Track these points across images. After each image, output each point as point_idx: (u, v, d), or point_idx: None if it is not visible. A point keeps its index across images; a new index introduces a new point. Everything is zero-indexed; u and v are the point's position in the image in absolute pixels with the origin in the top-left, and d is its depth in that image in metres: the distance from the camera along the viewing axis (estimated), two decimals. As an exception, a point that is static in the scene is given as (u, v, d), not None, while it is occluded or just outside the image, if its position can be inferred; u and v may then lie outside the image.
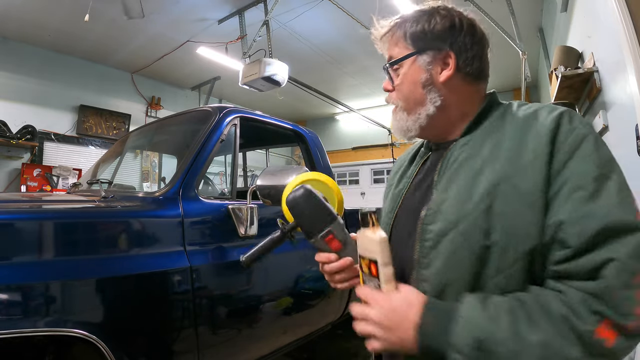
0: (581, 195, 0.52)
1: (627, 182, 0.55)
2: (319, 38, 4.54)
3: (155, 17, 3.95)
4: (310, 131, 2.56)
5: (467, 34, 0.71)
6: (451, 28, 0.70)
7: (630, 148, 1.47)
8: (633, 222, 0.50)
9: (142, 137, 2.61)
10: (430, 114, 0.69)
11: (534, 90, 5.82)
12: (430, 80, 0.70)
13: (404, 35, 0.73)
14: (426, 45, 0.70)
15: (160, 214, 1.45)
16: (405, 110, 0.72)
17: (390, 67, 0.74)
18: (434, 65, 0.70)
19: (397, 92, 0.74)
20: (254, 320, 1.76)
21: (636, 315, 0.47)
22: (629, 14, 1.44)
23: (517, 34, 3.35)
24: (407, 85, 0.72)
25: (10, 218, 1.13)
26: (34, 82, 4.47)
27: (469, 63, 0.70)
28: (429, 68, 0.70)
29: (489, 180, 0.59)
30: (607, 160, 0.55)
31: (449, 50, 0.69)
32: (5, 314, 0.99)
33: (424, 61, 0.70)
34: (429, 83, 0.70)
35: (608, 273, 0.48)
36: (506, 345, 0.49)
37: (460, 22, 0.71)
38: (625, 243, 0.49)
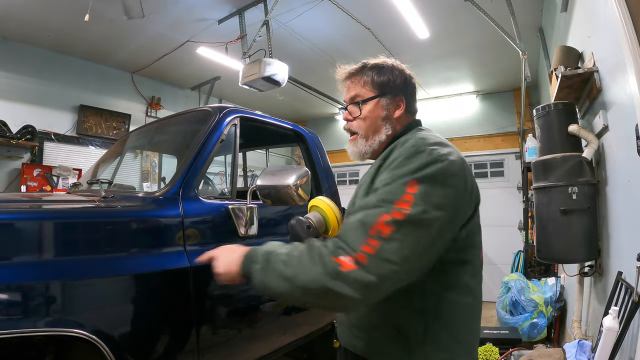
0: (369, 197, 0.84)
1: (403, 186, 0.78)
2: (319, 38, 4.54)
3: (155, 17, 3.95)
4: (310, 131, 2.56)
5: (411, 85, 1.04)
6: (404, 81, 1.03)
7: (630, 148, 1.47)
8: (374, 203, 0.79)
9: (142, 137, 2.61)
10: (382, 141, 1.00)
11: (534, 90, 5.82)
12: (388, 116, 1.00)
13: (371, 81, 1.01)
14: (388, 91, 1.00)
15: (160, 214, 1.45)
16: (365, 137, 1.01)
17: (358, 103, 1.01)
18: (391, 106, 1.00)
19: (358, 122, 1.01)
20: (254, 320, 1.76)
21: (362, 250, 0.73)
22: (629, 14, 1.44)
23: (517, 34, 3.35)
24: (370, 119, 1.00)
25: (10, 218, 1.13)
26: (34, 82, 4.47)
27: (411, 105, 1.04)
28: (388, 107, 1.00)
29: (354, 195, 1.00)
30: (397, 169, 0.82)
31: (402, 96, 1.01)
32: (5, 314, 1.00)
33: (384, 102, 1.00)
34: (387, 118, 0.99)
35: (350, 224, 0.80)
36: (280, 255, 0.83)
37: (408, 77, 1.04)
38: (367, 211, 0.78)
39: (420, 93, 6.41)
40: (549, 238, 2.18)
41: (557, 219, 2.10)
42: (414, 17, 3.87)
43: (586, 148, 2.09)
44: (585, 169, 2.05)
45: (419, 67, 5.37)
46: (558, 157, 2.14)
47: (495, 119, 6.37)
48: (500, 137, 6.28)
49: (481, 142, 6.44)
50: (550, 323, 3.12)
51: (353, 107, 1.01)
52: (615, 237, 1.84)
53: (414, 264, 0.76)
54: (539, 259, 2.34)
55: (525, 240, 4.36)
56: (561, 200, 2.08)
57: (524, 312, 3.19)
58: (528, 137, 4.03)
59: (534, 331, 3.05)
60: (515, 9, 3.36)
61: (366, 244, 0.74)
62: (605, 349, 1.44)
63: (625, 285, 1.57)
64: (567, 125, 2.18)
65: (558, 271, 3.80)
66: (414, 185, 0.77)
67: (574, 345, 1.90)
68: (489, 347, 2.68)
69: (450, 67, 5.42)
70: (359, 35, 4.36)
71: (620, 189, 1.75)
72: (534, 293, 3.30)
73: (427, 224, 0.75)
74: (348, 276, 0.73)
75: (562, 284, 3.37)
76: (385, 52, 4.75)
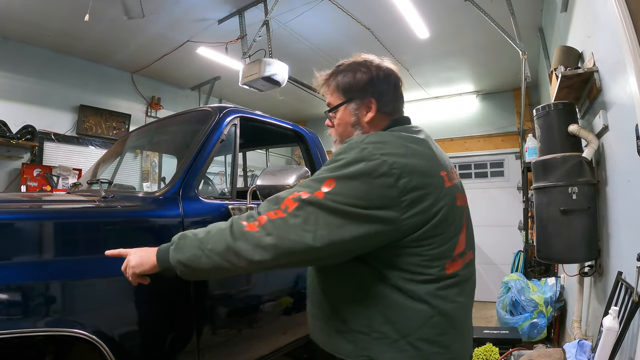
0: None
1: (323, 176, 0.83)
2: (319, 38, 4.54)
3: (155, 17, 3.95)
4: (310, 131, 2.56)
5: (384, 82, 0.96)
6: (370, 80, 0.95)
7: (630, 148, 1.47)
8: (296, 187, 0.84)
9: (142, 137, 2.61)
10: None
11: (534, 90, 5.81)
12: (357, 121, 0.97)
13: (336, 86, 0.98)
14: (353, 95, 0.96)
15: (160, 214, 1.45)
16: (340, 143, 0.96)
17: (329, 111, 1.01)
18: (360, 110, 0.96)
19: (335, 129, 1.02)
20: (254, 320, 1.76)
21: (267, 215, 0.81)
22: (629, 14, 1.44)
23: (517, 34, 3.35)
24: (341, 126, 0.99)
25: (10, 218, 1.13)
26: (34, 82, 4.47)
27: (386, 104, 0.96)
28: (356, 112, 0.96)
29: None
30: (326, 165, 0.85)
31: (370, 98, 0.95)
32: (5, 314, 1.00)
33: (352, 107, 0.97)
34: (356, 123, 0.97)
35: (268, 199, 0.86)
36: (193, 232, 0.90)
37: (378, 74, 0.96)
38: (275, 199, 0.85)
39: (420, 93, 6.42)
40: (549, 238, 2.18)
41: (557, 219, 2.10)
42: (414, 17, 3.86)
43: (586, 148, 2.09)
44: (585, 169, 2.05)
45: (419, 67, 5.37)
46: (558, 157, 2.14)
47: (495, 119, 6.36)
48: (500, 137, 6.28)
49: (481, 142, 6.43)
50: (550, 323, 3.12)
51: (331, 114, 1.01)
52: (615, 237, 1.84)
53: (315, 243, 0.77)
54: (539, 259, 2.34)
55: (525, 240, 4.36)
56: (561, 200, 2.08)
57: (524, 312, 3.18)
58: (528, 137, 4.03)
59: (534, 331, 3.05)
60: (515, 9, 3.36)
61: (272, 211, 0.81)
62: (605, 349, 1.44)
63: (625, 285, 1.57)
64: (567, 125, 2.18)
65: (558, 271, 3.80)
66: (333, 179, 0.80)
67: (574, 345, 1.90)
68: (489, 347, 2.68)
69: (450, 67, 5.42)
70: (359, 35, 4.35)
71: (620, 189, 1.75)
72: (534, 293, 3.30)
73: (334, 210, 0.78)
74: (248, 234, 0.80)
75: (562, 284, 3.37)
76: (386, 52, 4.75)
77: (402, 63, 5.19)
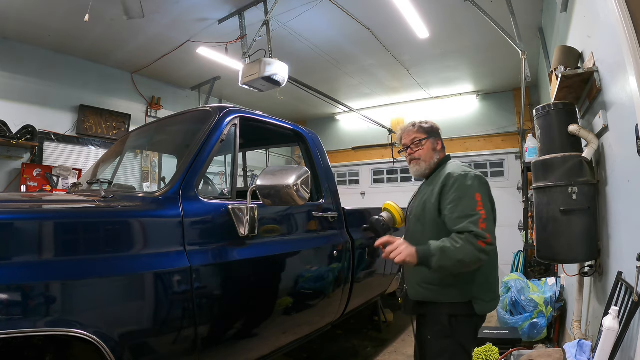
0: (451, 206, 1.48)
1: (474, 197, 1.45)
2: (319, 38, 4.54)
3: (155, 17, 3.95)
4: (310, 131, 2.56)
5: (439, 132, 1.74)
6: (437, 129, 1.73)
7: (630, 148, 1.47)
8: (473, 212, 1.43)
9: (142, 137, 2.62)
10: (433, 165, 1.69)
11: (534, 90, 5.81)
12: (435, 149, 1.69)
13: (420, 128, 1.70)
14: (431, 135, 1.69)
15: (160, 214, 1.45)
16: (425, 162, 1.67)
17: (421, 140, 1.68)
18: (435, 143, 1.70)
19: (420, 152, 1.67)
20: (254, 320, 1.76)
21: (486, 237, 1.38)
22: (629, 14, 1.44)
23: (517, 34, 3.35)
24: (428, 150, 1.68)
25: (10, 218, 1.13)
26: (34, 82, 4.47)
27: (443, 144, 1.73)
28: (434, 143, 1.69)
29: (424, 200, 1.63)
30: (463, 189, 1.47)
31: (437, 139, 1.72)
32: (5, 314, 0.99)
33: (432, 141, 1.69)
34: (434, 150, 1.69)
35: (467, 225, 1.40)
36: (449, 247, 1.37)
37: (436, 127, 1.73)
38: (471, 220, 1.41)
39: (420, 93, 6.42)
40: (549, 238, 2.17)
41: (557, 219, 2.10)
42: (414, 17, 3.87)
43: (586, 148, 2.09)
44: (585, 169, 2.05)
45: (419, 67, 5.37)
46: (558, 157, 2.14)
47: (495, 119, 6.37)
48: (500, 137, 6.28)
49: (481, 142, 6.44)
50: (550, 323, 3.12)
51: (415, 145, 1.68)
52: (615, 237, 1.84)
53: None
54: (539, 259, 2.34)
55: (525, 240, 4.36)
56: (561, 200, 2.08)
57: (524, 312, 3.18)
58: (528, 137, 4.03)
59: (534, 331, 3.05)
60: (515, 9, 3.36)
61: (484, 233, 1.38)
62: (605, 349, 1.44)
63: (625, 285, 1.57)
64: (567, 125, 2.18)
65: (558, 271, 3.80)
66: (478, 194, 1.46)
67: (574, 345, 1.90)
68: (489, 347, 2.68)
69: (450, 67, 5.42)
70: (359, 35, 4.35)
71: (620, 189, 1.75)
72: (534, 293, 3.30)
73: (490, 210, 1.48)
74: (486, 249, 1.37)
75: (562, 284, 3.37)
76: (385, 52, 4.75)
77: (402, 63, 5.19)
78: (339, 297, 2.35)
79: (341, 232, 2.41)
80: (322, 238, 2.24)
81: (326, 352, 3.22)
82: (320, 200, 2.31)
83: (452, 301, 1.50)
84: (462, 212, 1.43)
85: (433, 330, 1.53)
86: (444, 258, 1.36)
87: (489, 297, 1.53)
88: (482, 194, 1.46)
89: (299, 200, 1.49)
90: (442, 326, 1.50)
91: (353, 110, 6.48)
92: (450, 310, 1.50)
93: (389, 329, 3.73)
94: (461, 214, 1.43)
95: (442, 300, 1.51)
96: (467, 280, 1.48)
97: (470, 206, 1.43)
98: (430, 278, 1.52)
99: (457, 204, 1.45)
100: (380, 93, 6.58)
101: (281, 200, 1.50)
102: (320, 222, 2.25)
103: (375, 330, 3.67)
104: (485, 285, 1.52)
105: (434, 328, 1.53)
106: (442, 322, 1.50)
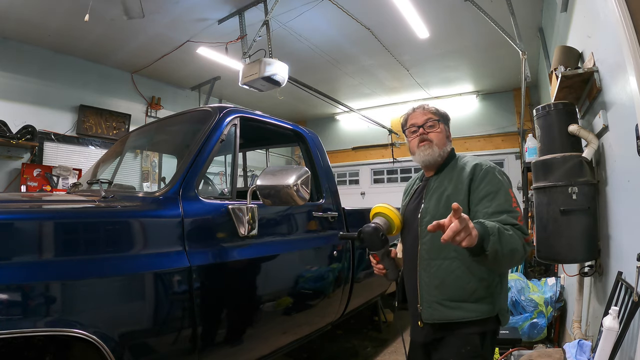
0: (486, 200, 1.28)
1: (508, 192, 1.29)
2: (319, 38, 4.54)
3: (155, 17, 3.95)
4: (310, 131, 2.56)
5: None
6: (449, 120, 1.51)
7: (630, 148, 1.47)
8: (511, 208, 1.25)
9: (142, 137, 2.61)
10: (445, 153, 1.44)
11: (534, 90, 5.81)
12: (448, 137, 1.48)
13: (438, 113, 1.47)
14: (446, 122, 1.49)
15: (160, 214, 1.45)
16: (437, 146, 1.42)
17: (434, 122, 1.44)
18: (448, 131, 1.49)
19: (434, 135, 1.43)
20: (254, 320, 1.76)
21: (529, 233, 1.24)
22: (629, 14, 1.44)
23: (517, 34, 3.35)
24: (442, 135, 1.44)
25: (10, 218, 1.13)
26: (34, 82, 4.47)
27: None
28: (448, 131, 1.49)
29: (444, 196, 1.35)
30: (496, 183, 1.29)
31: (449, 128, 1.50)
32: (5, 314, 0.99)
33: (446, 128, 1.48)
34: (448, 138, 1.48)
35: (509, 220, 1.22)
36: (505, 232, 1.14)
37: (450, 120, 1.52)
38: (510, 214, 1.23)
39: (420, 93, 6.42)
40: (549, 238, 2.17)
41: (557, 219, 2.10)
42: (414, 17, 3.86)
43: (586, 148, 2.09)
44: (585, 169, 2.05)
45: (419, 67, 5.37)
46: (558, 157, 2.14)
47: (495, 119, 6.37)
48: (500, 137, 6.28)
49: (481, 142, 6.44)
50: (550, 323, 3.12)
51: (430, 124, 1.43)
52: (615, 237, 1.84)
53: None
54: (539, 259, 2.34)
55: (525, 240, 4.36)
56: (561, 200, 2.08)
57: (524, 312, 3.18)
58: (528, 137, 4.03)
59: (534, 331, 3.05)
60: (515, 9, 3.36)
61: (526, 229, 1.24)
62: (605, 349, 1.44)
63: (625, 285, 1.57)
64: (567, 125, 2.18)
65: (558, 271, 3.80)
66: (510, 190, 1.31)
67: (574, 345, 1.90)
68: (489, 347, 2.67)
69: (450, 67, 5.42)
70: (359, 35, 4.35)
71: (620, 189, 1.75)
72: (534, 293, 3.30)
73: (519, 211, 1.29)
74: (527, 247, 1.21)
75: (562, 284, 3.37)
76: (385, 52, 4.75)
77: (402, 63, 5.19)
78: (339, 297, 2.35)
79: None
80: (322, 238, 2.24)
81: (326, 352, 3.22)
82: (320, 200, 2.31)
83: (484, 317, 1.27)
84: (499, 206, 1.24)
85: (459, 352, 1.28)
86: (501, 242, 1.11)
87: (507, 307, 1.38)
88: (512, 192, 1.31)
89: (299, 200, 1.49)
90: (473, 347, 1.27)
91: (353, 110, 6.48)
92: (482, 328, 1.28)
93: (389, 329, 3.73)
94: (499, 208, 1.23)
95: (473, 318, 1.27)
96: (497, 291, 1.30)
97: (507, 201, 1.25)
98: (458, 293, 1.28)
99: (493, 197, 1.26)
100: (380, 93, 6.58)
101: (281, 200, 1.50)
102: (320, 222, 2.25)
103: (375, 330, 3.67)
104: (505, 294, 1.36)
105: (460, 350, 1.28)
106: (472, 343, 1.27)
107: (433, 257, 1.31)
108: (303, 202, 1.52)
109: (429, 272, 1.32)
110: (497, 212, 1.22)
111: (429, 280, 1.31)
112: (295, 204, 1.51)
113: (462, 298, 1.27)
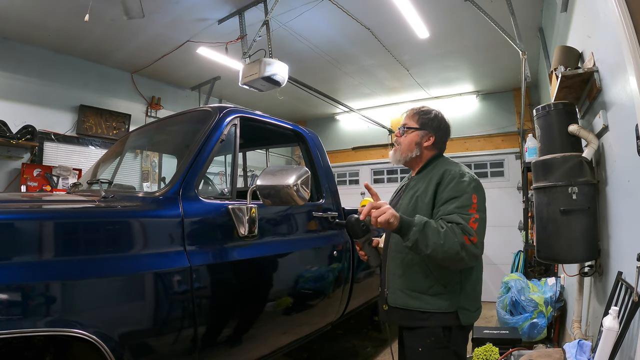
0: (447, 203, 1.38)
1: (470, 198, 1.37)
2: (319, 38, 4.53)
3: (155, 17, 3.95)
4: (310, 131, 2.56)
5: (443, 129, 1.60)
6: (438, 125, 1.58)
7: (630, 148, 1.47)
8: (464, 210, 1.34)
9: (142, 137, 2.62)
10: (409, 158, 1.59)
11: (534, 90, 5.81)
12: (419, 143, 1.57)
13: (418, 118, 1.59)
14: (425, 127, 1.57)
15: (160, 214, 1.45)
16: (401, 151, 1.59)
17: (405, 128, 1.59)
18: (424, 138, 1.57)
19: (402, 140, 1.59)
20: (254, 320, 1.76)
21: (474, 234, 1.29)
22: (629, 14, 1.44)
23: (517, 34, 3.35)
24: (408, 141, 1.58)
25: (10, 218, 1.13)
26: (34, 82, 4.47)
27: (438, 142, 1.59)
28: (421, 137, 1.57)
29: (415, 196, 1.49)
30: (460, 189, 1.38)
31: (432, 134, 1.57)
32: (5, 314, 0.99)
33: (421, 134, 1.57)
34: (418, 144, 1.57)
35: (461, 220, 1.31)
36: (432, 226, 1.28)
37: (441, 123, 1.59)
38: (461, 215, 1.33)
39: (420, 93, 6.42)
40: (549, 238, 2.17)
41: (557, 219, 2.10)
42: (414, 17, 3.86)
43: (586, 148, 2.09)
44: (585, 169, 2.05)
45: (419, 67, 5.37)
46: (558, 157, 2.14)
47: (495, 119, 6.37)
48: (500, 137, 6.28)
49: (481, 142, 6.43)
50: (550, 323, 3.12)
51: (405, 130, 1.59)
52: (615, 237, 1.84)
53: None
54: (539, 259, 2.34)
55: (525, 240, 4.36)
56: (561, 200, 2.08)
57: (524, 312, 3.18)
58: (528, 137, 4.03)
59: (534, 331, 3.05)
60: (515, 9, 3.36)
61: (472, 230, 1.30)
62: (605, 349, 1.44)
63: (625, 285, 1.57)
64: (567, 125, 2.18)
65: (558, 271, 3.80)
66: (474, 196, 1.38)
67: (574, 345, 1.90)
68: (489, 347, 2.68)
69: (450, 67, 5.42)
70: (359, 35, 4.35)
71: (620, 189, 1.75)
72: (534, 293, 3.30)
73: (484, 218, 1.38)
74: (468, 248, 1.27)
75: (562, 284, 3.37)
76: (385, 52, 4.75)
77: (402, 63, 5.19)
78: (339, 297, 2.35)
79: (341, 232, 2.41)
80: (322, 238, 2.24)
81: (326, 352, 3.22)
82: (320, 200, 2.31)
83: (440, 311, 1.40)
84: (455, 208, 1.34)
85: (424, 342, 1.42)
86: (425, 234, 1.25)
87: (474, 307, 1.47)
88: (479, 198, 1.37)
89: (299, 200, 1.49)
90: (437, 338, 1.41)
91: (353, 110, 6.48)
92: (442, 322, 1.41)
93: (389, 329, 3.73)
94: (454, 210, 1.34)
95: (428, 309, 1.40)
96: (456, 289, 1.41)
97: (464, 205, 1.34)
98: (417, 284, 1.43)
99: (453, 202, 1.36)
100: (380, 93, 6.58)
101: (281, 200, 1.50)
102: (320, 222, 2.25)
103: (375, 330, 3.67)
104: (472, 295, 1.45)
105: (425, 340, 1.42)
106: (435, 334, 1.41)
107: (399, 249, 1.47)
108: (303, 202, 1.52)
109: (395, 263, 1.49)
110: (449, 213, 1.34)
111: (394, 269, 1.49)
112: (295, 204, 1.51)
113: (421, 290, 1.42)
